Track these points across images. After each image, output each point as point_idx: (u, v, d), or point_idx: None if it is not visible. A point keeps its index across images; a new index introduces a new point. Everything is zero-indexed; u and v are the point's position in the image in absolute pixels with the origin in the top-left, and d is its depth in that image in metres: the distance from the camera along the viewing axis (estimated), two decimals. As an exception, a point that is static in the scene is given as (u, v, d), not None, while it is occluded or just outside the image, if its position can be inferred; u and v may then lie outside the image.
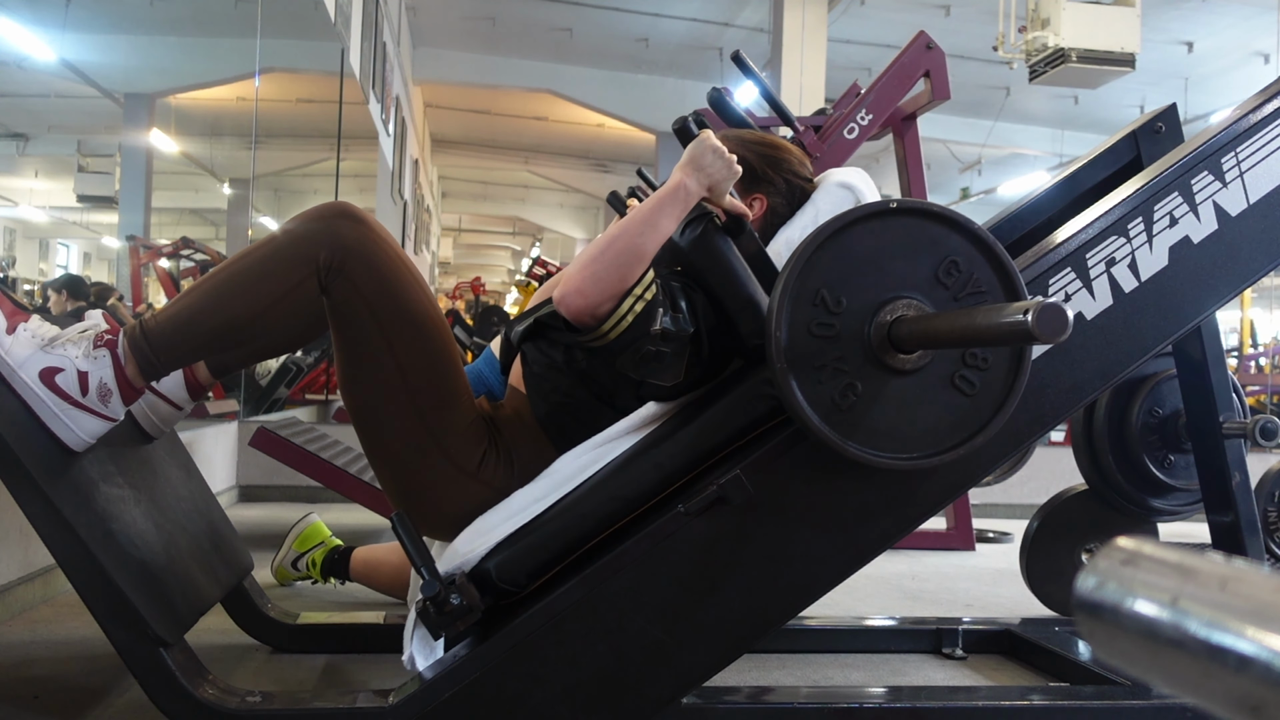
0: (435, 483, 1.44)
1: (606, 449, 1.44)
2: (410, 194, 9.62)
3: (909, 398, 1.30)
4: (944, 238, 1.30)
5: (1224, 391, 2.10)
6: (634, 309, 1.34)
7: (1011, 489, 4.06)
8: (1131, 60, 6.68)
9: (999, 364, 1.31)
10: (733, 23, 9.67)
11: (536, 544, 1.38)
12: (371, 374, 1.42)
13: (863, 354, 1.28)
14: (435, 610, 1.32)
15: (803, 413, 1.27)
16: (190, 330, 1.38)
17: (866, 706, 1.57)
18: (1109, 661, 0.40)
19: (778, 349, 1.26)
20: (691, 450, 1.41)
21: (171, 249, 6.77)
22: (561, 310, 1.36)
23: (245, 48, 5.39)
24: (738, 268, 1.40)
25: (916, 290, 1.29)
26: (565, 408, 1.49)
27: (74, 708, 1.61)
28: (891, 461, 1.30)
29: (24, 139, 9.11)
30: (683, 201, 1.38)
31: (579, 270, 1.35)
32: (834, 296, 1.28)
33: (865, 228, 1.29)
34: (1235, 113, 1.62)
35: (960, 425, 1.31)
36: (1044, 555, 2.48)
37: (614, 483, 1.40)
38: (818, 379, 1.27)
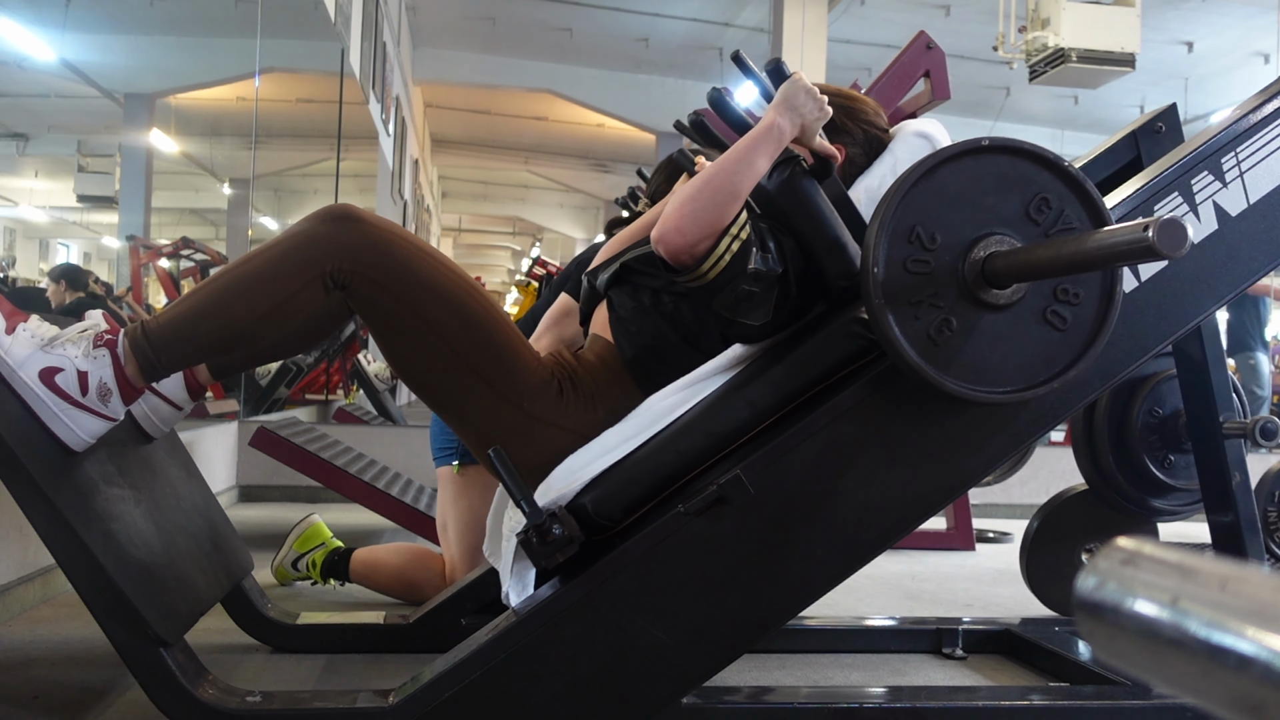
0: (518, 436, 1.45)
1: (695, 389, 1.46)
2: (410, 194, 9.63)
3: (1002, 333, 1.32)
4: (1035, 175, 1.32)
5: (1224, 391, 2.10)
6: (730, 248, 1.37)
7: (1011, 489, 4.06)
8: (1131, 60, 6.68)
9: (1090, 298, 1.33)
10: (733, 23, 9.67)
11: (632, 479, 1.41)
12: (425, 358, 1.44)
13: (957, 289, 1.31)
14: (538, 540, 1.34)
15: (899, 347, 1.29)
16: (192, 332, 1.38)
17: (866, 706, 1.57)
18: (1109, 661, 0.40)
19: (875, 284, 1.28)
20: (782, 388, 1.43)
21: (171, 249, 6.78)
22: (660, 249, 1.38)
23: (245, 48, 5.39)
24: (825, 210, 1.44)
25: (1008, 226, 1.32)
26: (652, 351, 1.52)
27: (74, 708, 1.61)
28: (987, 395, 1.32)
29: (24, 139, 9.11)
30: (776, 140, 1.41)
31: (677, 209, 1.37)
32: (929, 233, 1.30)
33: (958, 165, 1.32)
34: (1235, 113, 1.62)
35: (1053, 360, 1.33)
36: (1044, 555, 2.48)
37: (707, 419, 1.42)
38: (913, 314, 1.30)
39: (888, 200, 1.30)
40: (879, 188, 1.50)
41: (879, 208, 1.31)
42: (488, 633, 1.41)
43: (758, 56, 1.51)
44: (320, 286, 1.38)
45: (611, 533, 1.42)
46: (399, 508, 2.93)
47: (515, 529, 1.40)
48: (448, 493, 2.35)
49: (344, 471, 3.03)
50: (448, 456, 2.34)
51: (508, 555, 1.44)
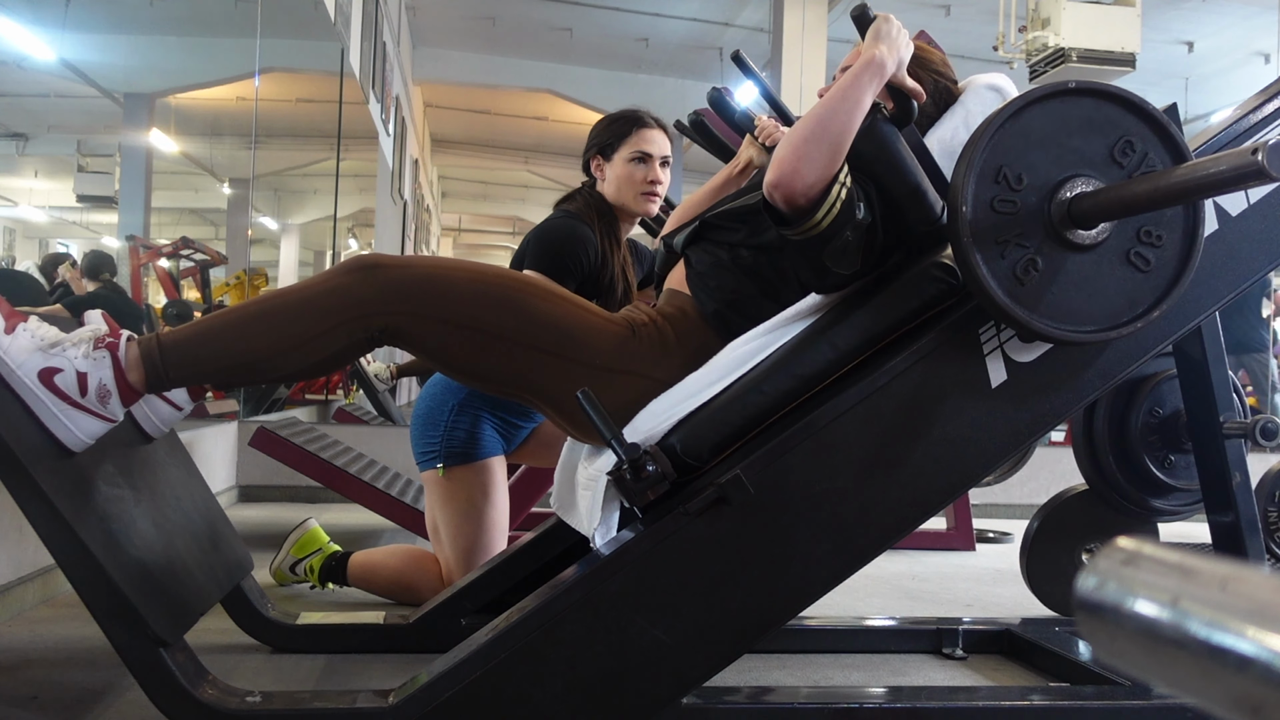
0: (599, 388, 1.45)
1: (776, 334, 1.48)
2: (410, 194, 9.62)
3: (1087, 273, 1.34)
4: (1120, 118, 1.34)
5: (1224, 391, 2.10)
6: (840, 196, 1.38)
7: (1011, 489, 4.06)
8: (1132, 60, 6.67)
9: (1172, 240, 1.36)
10: (733, 23, 9.67)
11: (720, 420, 1.42)
12: (488, 359, 1.47)
13: (1043, 229, 1.32)
14: (632, 476, 1.35)
15: (986, 286, 1.30)
16: (207, 357, 1.41)
17: (866, 706, 1.57)
18: (1109, 661, 0.40)
19: (963, 224, 1.29)
20: (866, 331, 1.45)
21: (171, 249, 6.78)
22: (775, 195, 1.38)
23: (245, 48, 5.39)
24: (905, 157, 1.45)
25: (1093, 168, 1.33)
26: (732, 304, 1.54)
27: (74, 708, 1.61)
28: (1072, 334, 1.33)
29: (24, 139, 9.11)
30: (879, 75, 1.42)
31: (791, 151, 1.37)
32: (1015, 174, 1.32)
33: (1044, 107, 1.33)
34: (1235, 113, 1.62)
35: (1137, 300, 1.36)
36: (1044, 555, 2.48)
37: (793, 361, 1.44)
38: (1000, 254, 1.31)
39: (975, 141, 1.31)
40: (951, 138, 1.53)
41: (966, 149, 1.32)
42: (488, 633, 1.41)
43: (758, 56, 1.51)
44: (344, 332, 1.41)
45: (698, 474, 1.43)
46: (399, 508, 2.93)
47: (596, 475, 1.42)
48: (435, 496, 2.32)
49: (344, 471, 3.03)
50: (431, 460, 2.31)
51: (593, 499, 1.45)
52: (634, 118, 2.30)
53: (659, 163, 2.28)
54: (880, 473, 1.42)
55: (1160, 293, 1.36)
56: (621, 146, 2.28)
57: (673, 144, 2.35)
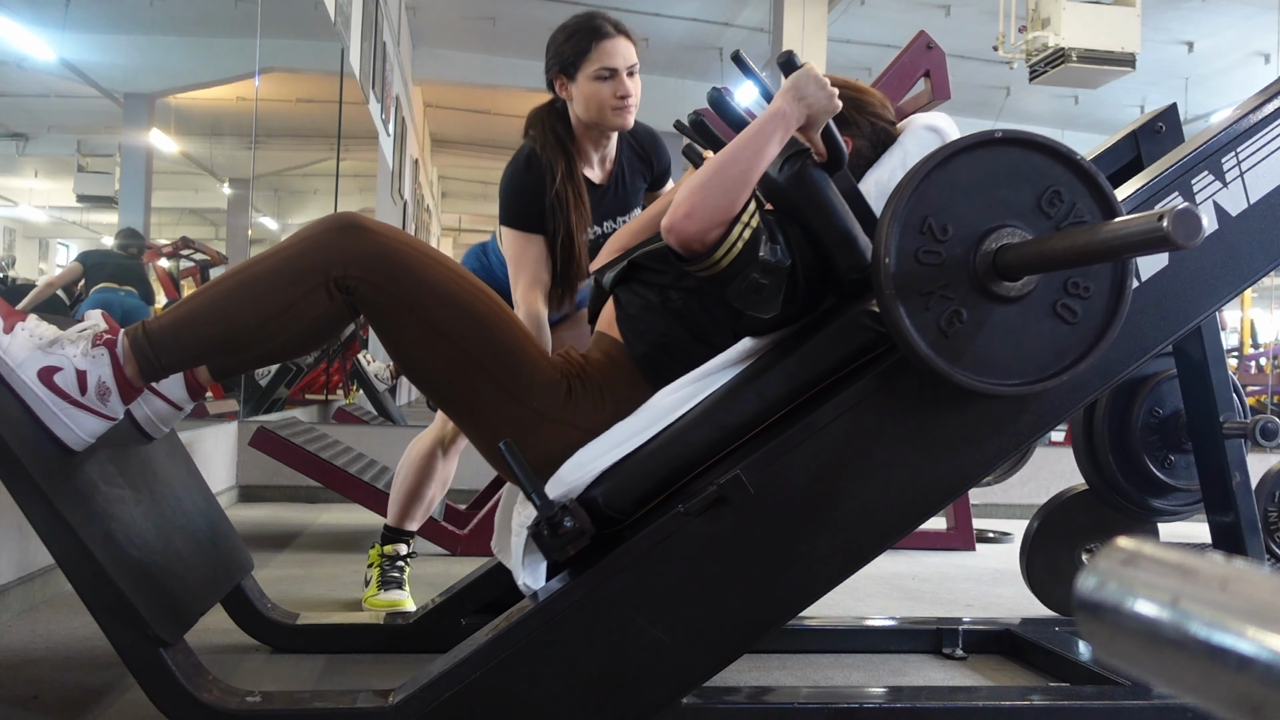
0: (526, 433, 1.45)
1: (705, 382, 1.46)
2: (410, 194, 9.62)
3: (1013, 325, 1.33)
4: (1047, 168, 1.33)
5: (1224, 391, 2.10)
6: (742, 236, 1.37)
7: (1011, 489, 4.06)
8: (1132, 60, 6.68)
9: (1100, 292, 1.34)
10: (733, 23, 9.67)
11: (642, 471, 1.41)
12: (435, 361, 1.45)
13: (968, 281, 1.31)
14: (550, 532, 1.35)
15: (910, 339, 1.29)
16: (193, 335, 1.39)
17: (866, 706, 1.57)
18: (1109, 661, 0.40)
19: (886, 275, 1.28)
20: (793, 380, 1.43)
21: (171, 249, 6.78)
22: (671, 237, 1.38)
23: (245, 48, 5.39)
24: (836, 203, 1.43)
25: (1019, 219, 1.32)
26: (662, 347, 1.51)
27: (74, 708, 1.61)
28: (996, 388, 1.32)
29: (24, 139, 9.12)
30: (783, 127, 1.41)
31: (688, 197, 1.37)
32: (940, 224, 1.30)
33: (970, 157, 1.32)
34: (1235, 113, 1.62)
35: (1063, 352, 1.34)
36: (1044, 555, 2.48)
37: (718, 412, 1.42)
38: (924, 305, 1.30)
39: (900, 191, 1.30)
40: (889, 181, 1.50)
41: (891, 198, 1.31)
42: (488, 633, 1.41)
43: (758, 56, 1.51)
44: (324, 293, 1.39)
45: (622, 526, 1.42)
46: (399, 508, 2.92)
47: (525, 522, 1.40)
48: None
49: (344, 471, 3.03)
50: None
51: (518, 548, 1.45)
52: (591, 28, 2.13)
53: (625, 74, 2.12)
54: (881, 474, 1.41)
55: (1087, 345, 1.33)
56: (584, 64, 2.12)
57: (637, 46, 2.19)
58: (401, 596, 2.33)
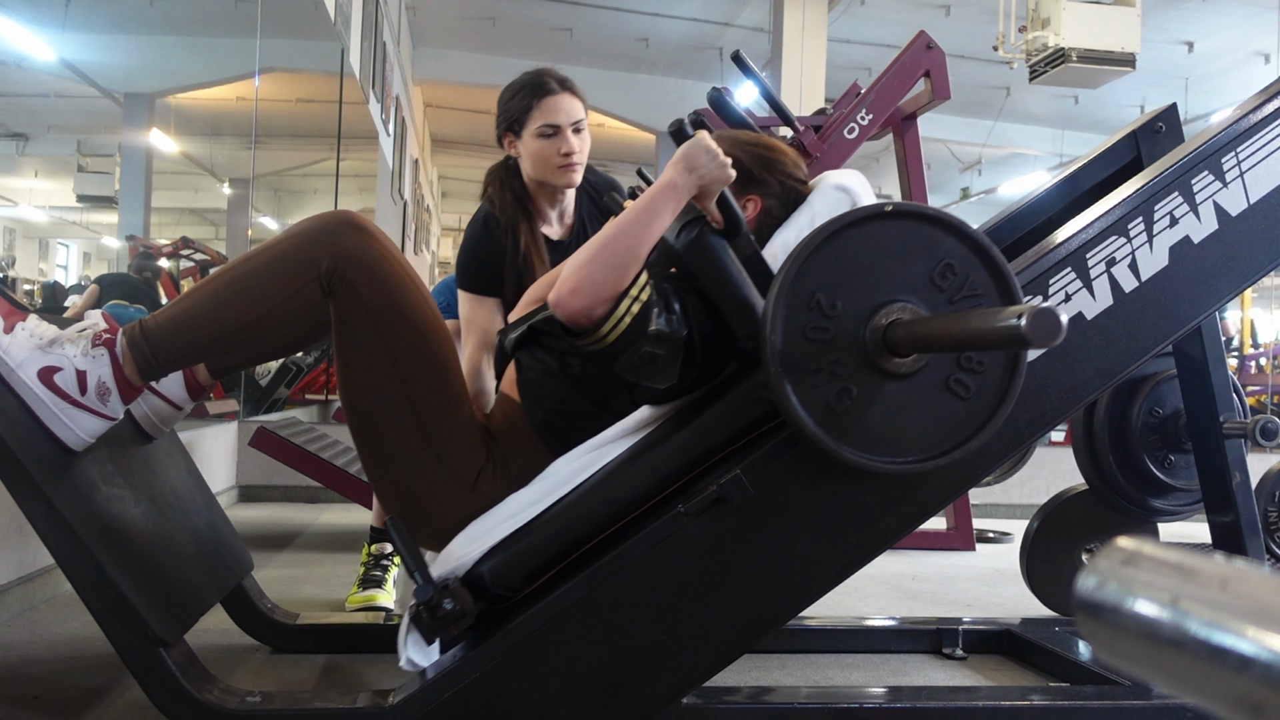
0: (432, 492, 1.44)
1: (601, 452, 1.43)
2: (410, 194, 9.62)
3: (904, 401, 1.29)
4: (939, 240, 1.29)
5: (1224, 391, 2.10)
6: (630, 310, 1.35)
7: (1011, 489, 4.06)
8: (1132, 60, 6.68)
9: (994, 368, 1.31)
10: (733, 23, 9.67)
11: (531, 548, 1.38)
12: (374, 381, 1.43)
13: (858, 358, 1.28)
14: (428, 615, 1.32)
15: (797, 416, 1.26)
16: (190, 332, 1.38)
17: (866, 706, 1.57)
18: (1109, 661, 0.40)
19: (772, 353, 1.26)
20: (687, 453, 1.40)
21: (171, 249, 6.78)
22: (558, 313, 1.36)
23: (245, 48, 5.39)
24: (733, 270, 1.39)
25: (912, 293, 1.29)
26: (561, 414, 1.48)
27: (74, 708, 1.61)
28: (886, 466, 1.29)
29: (24, 139, 9.12)
30: (674, 200, 1.38)
31: (574, 272, 1.35)
32: (829, 300, 1.27)
33: (860, 231, 1.29)
34: (1235, 113, 1.62)
35: (955, 429, 1.30)
36: (1044, 555, 2.48)
37: (609, 486, 1.39)
38: (813, 383, 1.27)
39: (786, 267, 1.27)
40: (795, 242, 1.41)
41: (778, 274, 1.28)
42: (478, 639, 1.41)
43: (758, 56, 1.50)
44: (318, 288, 1.39)
45: (512, 602, 1.40)
46: (399, 508, 2.93)
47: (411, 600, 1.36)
48: None
49: (344, 471, 3.03)
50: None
51: (403, 625, 1.41)
52: (535, 85, 2.06)
53: (571, 130, 2.04)
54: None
55: (981, 422, 1.30)
56: (528, 121, 2.06)
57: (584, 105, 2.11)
58: (378, 593, 2.33)
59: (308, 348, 5.39)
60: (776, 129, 3.14)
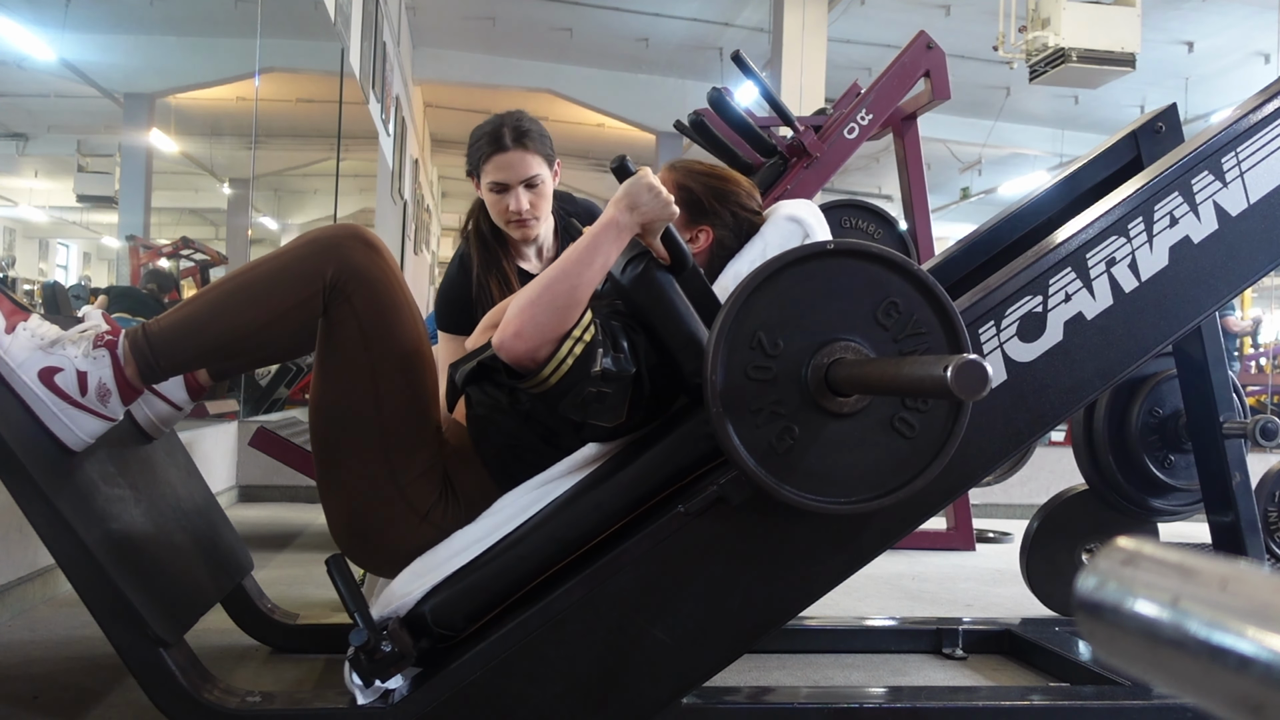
0: (386, 521, 1.43)
1: (548, 489, 1.43)
2: (410, 194, 9.62)
3: (848, 441, 1.28)
4: (883, 279, 1.28)
5: (1224, 391, 2.10)
6: (573, 351, 1.33)
7: (1011, 489, 4.06)
8: (1132, 60, 6.67)
9: (938, 407, 1.29)
10: (733, 23, 9.67)
11: (474, 586, 1.36)
12: (349, 400, 1.42)
13: (800, 397, 1.26)
14: (366, 658, 1.31)
15: (739, 456, 1.25)
16: (193, 338, 1.39)
17: (866, 706, 1.57)
18: (1109, 661, 0.40)
19: (714, 392, 1.24)
20: (632, 491, 1.39)
21: (171, 249, 6.78)
22: (501, 355, 1.35)
23: (245, 48, 5.39)
24: (679, 306, 1.38)
25: (855, 332, 1.27)
26: (510, 449, 1.47)
27: (74, 708, 1.61)
28: (828, 506, 1.28)
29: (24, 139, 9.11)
30: (615, 238, 1.37)
31: (516, 314, 1.33)
32: (771, 339, 1.26)
33: (802, 269, 1.27)
34: (1235, 113, 1.62)
35: (900, 468, 1.29)
36: (1044, 555, 2.48)
37: (554, 524, 1.38)
38: (755, 422, 1.26)
39: (727, 306, 1.26)
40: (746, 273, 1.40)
41: (720, 313, 1.27)
42: (488, 633, 1.41)
43: (758, 56, 1.50)
44: (321, 300, 1.40)
45: (456, 641, 1.39)
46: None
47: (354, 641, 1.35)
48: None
49: (344, 471, 3.03)
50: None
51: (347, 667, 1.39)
52: (487, 138, 1.96)
53: (522, 186, 1.94)
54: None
55: (925, 461, 1.29)
56: (482, 173, 1.98)
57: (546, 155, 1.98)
58: None
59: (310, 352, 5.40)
60: (776, 129, 3.14)
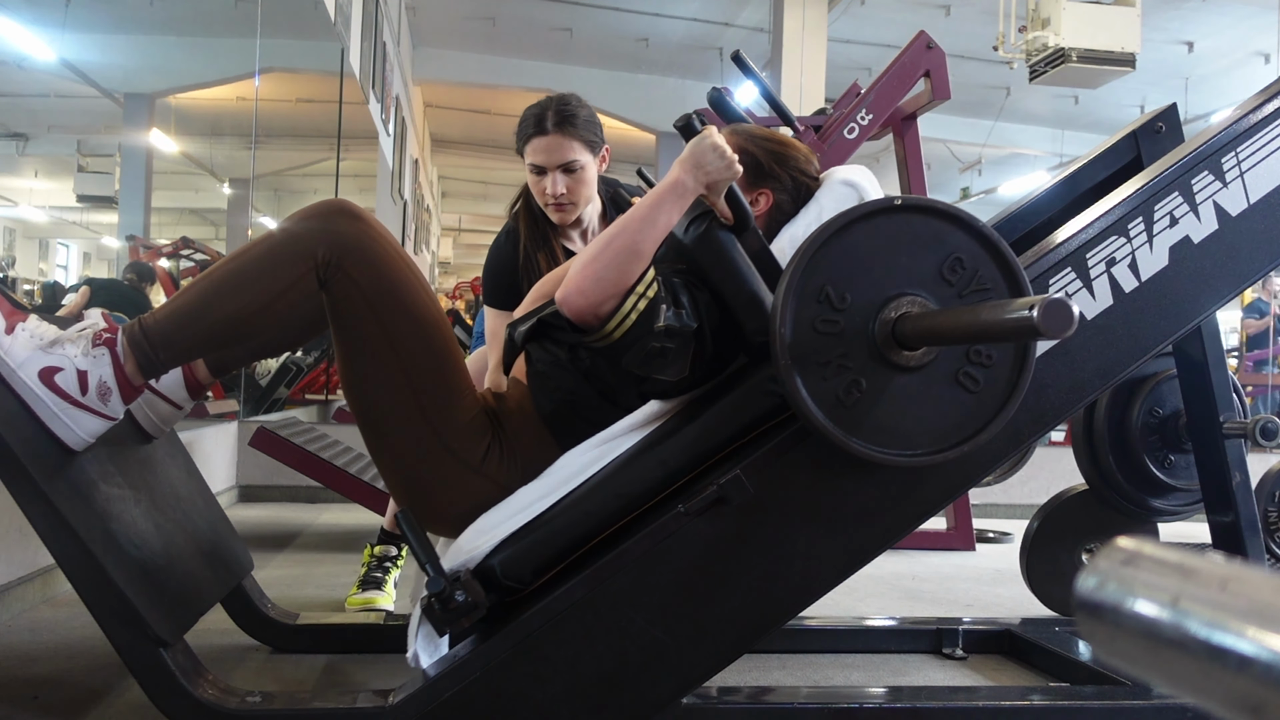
0: (440, 479, 1.44)
1: (610, 446, 1.44)
2: (410, 194, 9.62)
3: (913, 394, 1.30)
4: (948, 234, 1.30)
5: (1224, 391, 2.10)
6: (637, 307, 1.35)
7: (1011, 489, 4.06)
8: (1132, 60, 6.68)
9: (1003, 360, 1.31)
10: (733, 23, 9.67)
11: (540, 541, 1.38)
12: (374, 372, 1.43)
13: (867, 350, 1.29)
14: (440, 607, 1.33)
15: (807, 409, 1.27)
16: (189, 327, 1.38)
17: (866, 706, 1.57)
18: (1109, 661, 0.40)
19: (782, 345, 1.26)
20: (695, 447, 1.41)
21: (171, 249, 6.78)
22: (564, 311, 1.37)
23: (245, 48, 5.39)
24: (741, 265, 1.40)
25: (921, 287, 1.30)
26: (570, 405, 1.48)
27: (74, 708, 1.61)
28: (895, 458, 1.30)
29: (24, 139, 9.11)
30: (679, 197, 1.39)
31: (580, 270, 1.36)
32: (838, 293, 1.28)
33: (869, 224, 1.30)
34: (1235, 113, 1.62)
35: (964, 422, 1.31)
36: (1044, 555, 2.48)
37: (618, 480, 1.40)
38: (822, 375, 1.28)
39: (796, 260, 1.28)
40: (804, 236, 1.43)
41: (788, 267, 1.29)
42: (488, 633, 1.41)
43: (758, 56, 1.50)
44: (314, 279, 1.39)
45: (522, 595, 1.40)
46: (399, 508, 2.93)
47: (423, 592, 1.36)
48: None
49: (344, 471, 3.03)
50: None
51: (414, 618, 1.41)
52: (532, 120, 2.02)
53: (559, 170, 1.99)
54: (880, 474, 1.41)
55: (990, 415, 1.31)
56: (524, 154, 2.04)
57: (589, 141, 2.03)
58: (378, 595, 2.33)
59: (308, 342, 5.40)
60: (777, 129, 3.13)
